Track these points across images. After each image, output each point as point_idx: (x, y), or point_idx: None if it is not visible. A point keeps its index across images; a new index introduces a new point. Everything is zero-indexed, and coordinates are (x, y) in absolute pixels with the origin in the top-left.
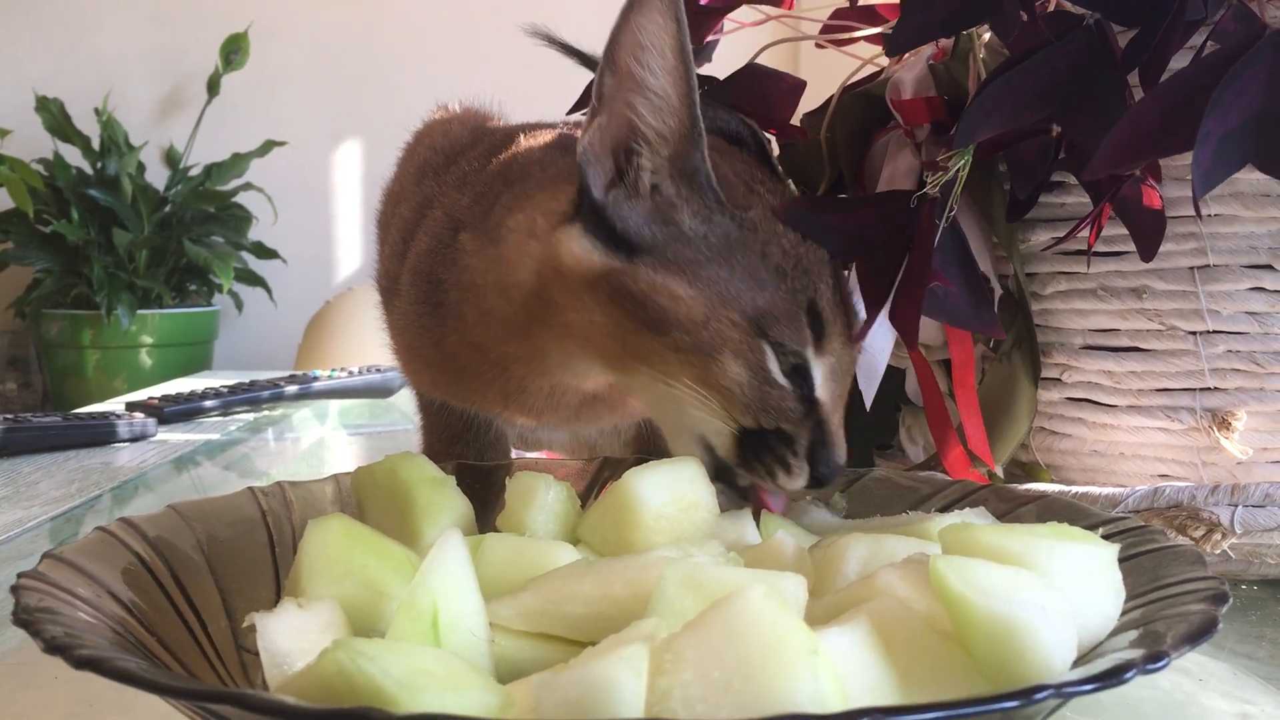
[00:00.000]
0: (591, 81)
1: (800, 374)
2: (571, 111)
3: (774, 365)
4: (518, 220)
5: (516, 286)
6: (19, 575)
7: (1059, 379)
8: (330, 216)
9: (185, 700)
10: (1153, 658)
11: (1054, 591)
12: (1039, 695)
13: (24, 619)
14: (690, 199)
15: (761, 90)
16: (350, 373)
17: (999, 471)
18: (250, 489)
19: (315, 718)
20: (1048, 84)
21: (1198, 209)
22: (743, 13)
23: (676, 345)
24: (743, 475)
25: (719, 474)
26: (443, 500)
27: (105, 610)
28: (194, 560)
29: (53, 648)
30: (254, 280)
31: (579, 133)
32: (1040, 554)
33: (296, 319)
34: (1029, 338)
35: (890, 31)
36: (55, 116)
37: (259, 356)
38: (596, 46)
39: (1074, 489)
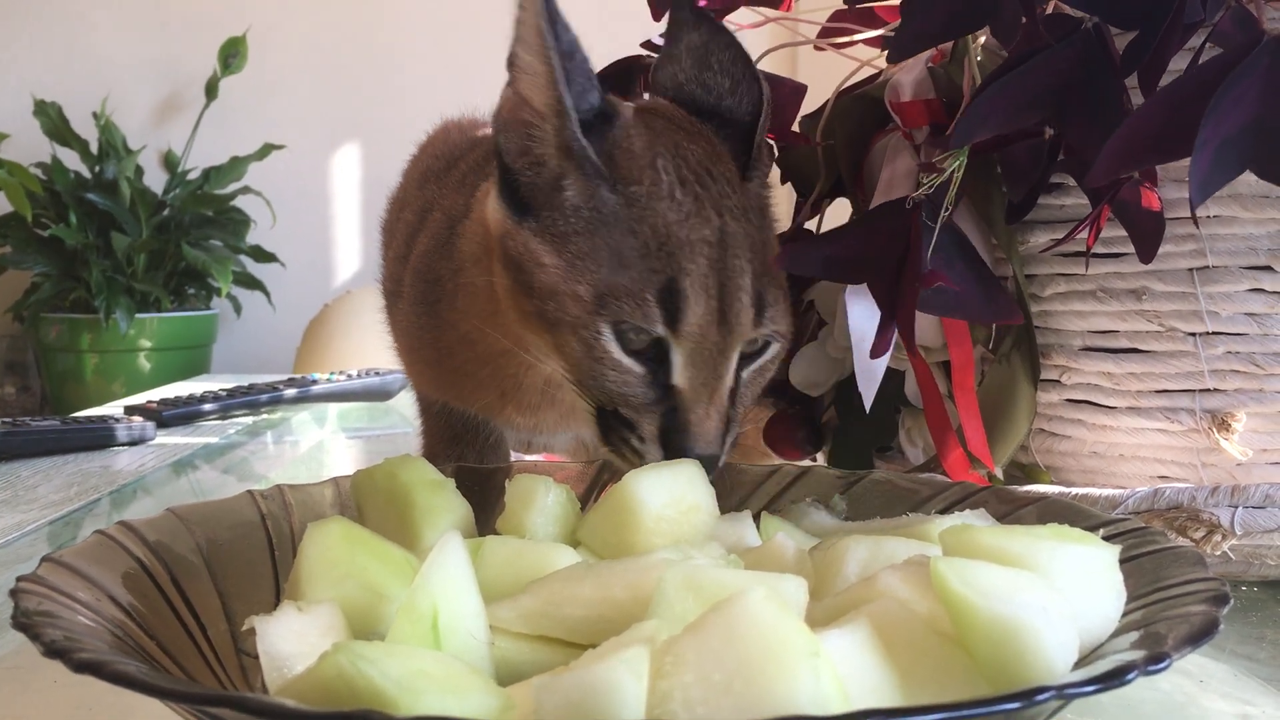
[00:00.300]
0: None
1: (654, 357)
2: None
3: (613, 345)
4: (481, 191)
5: (485, 254)
6: (18, 579)
7: (1058, 380)
8: (328, 220)
9: (185, 704)
10: (1154, 659)
11: (1055, 593)
12: (1041, 697)
13: (23, 622)
14: (572, 171)
15: None
16: (349, 376)
17: (998, 473)
18: (249, 492)
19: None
20: (1046, 86)
21: (1195, 217)
22: (741, 15)
23: (540, 314)
24: (611, 454)
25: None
26: (442, 503)
27: (104, 614)
28: (193, 564)
29: (52, 651)
30: (252, 284)
31: None
32: (1041, 555)
33: (295, 322)
34: (1028, 339)
35: (889, 34)
36: (53, 120)
37: (257, 360)
38: (598, 45)
39: (1074, 490)
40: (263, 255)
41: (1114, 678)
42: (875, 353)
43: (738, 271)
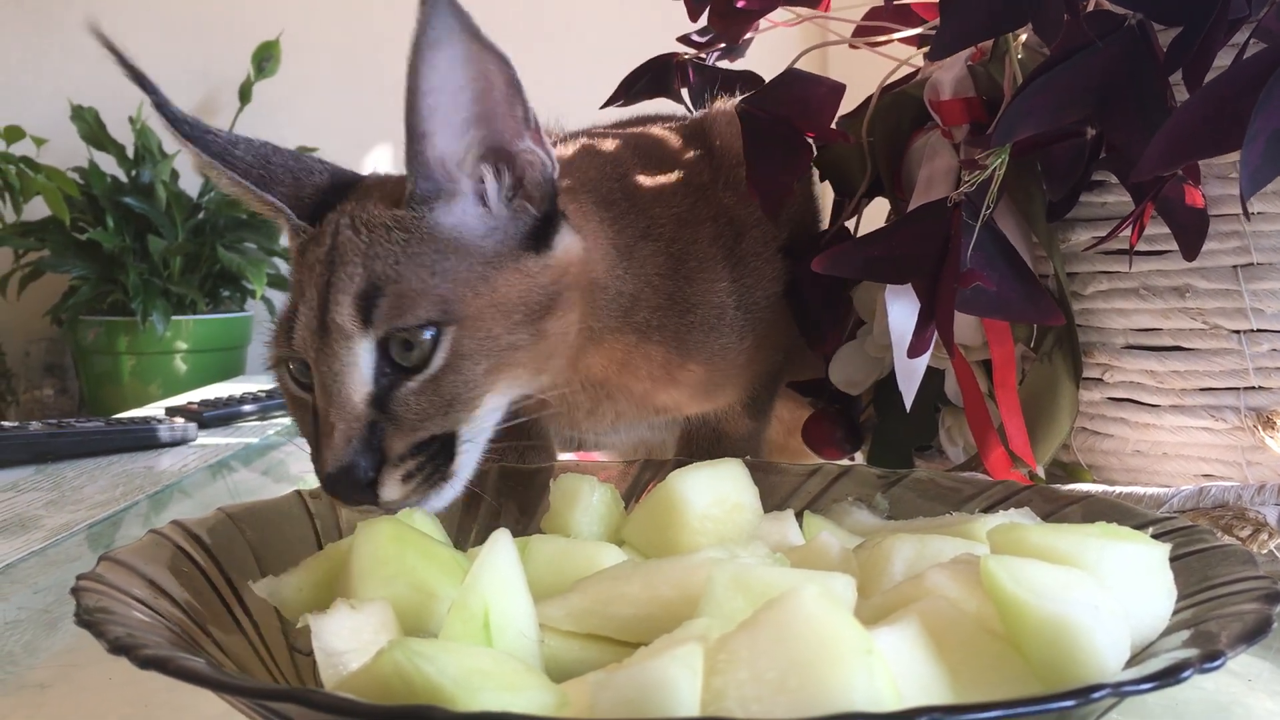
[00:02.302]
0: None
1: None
2: (604, 107)
3: (288, 381)
4: None
5: None
6: (78, 577)
7: (1101, 379)
8: None
9: (250, 699)
10: (1209, 657)
11: (1107, 591)
12: (1097, 694)
13: (86, 620)
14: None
15: (801, 94)
16: None
17: (1040, 472)
18: (297, 491)
19: (379, 716)
20: (1088, 84)
21: (1245, 208)
22: (777, 12)
23: None
24: None
25: None
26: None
27: (161, 611)
28: (246, 562)
29: (117, 648)
30: (286, 286)
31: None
32: (1091, 554)
33: None
34: (1070, 338)
35: (926, 31)
36: (90, 125)
37: None
38: (617, 46)
39: (1118, 489)
40: None
41: (1169, 675)
42: (914, 352)
43: (343, 276)
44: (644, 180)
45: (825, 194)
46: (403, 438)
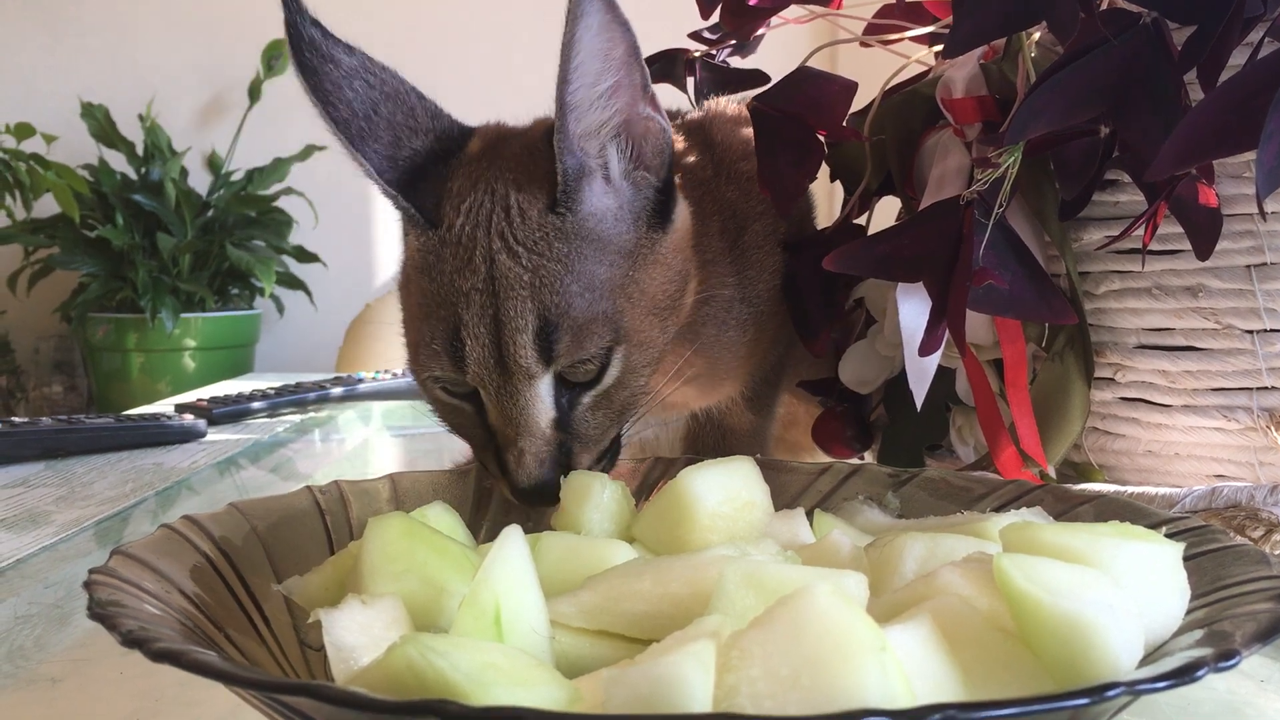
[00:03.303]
0: None
1: (476, 399)
2: None
3: (439, 391)
4: None
5: None
6: (90, 571)
7: (1113, 379)
8: (370, 220)
9: (264, 692)
10: (1224, 656)
11: (1121, 590)
12: (1112, 692)
13: (99, 613)
14: (404, 220)
15: (813, 92)
16: (394, 375)
17: (1051, 472)
18: (308, 487)
19: (392, 709)
20: (1102, 82)
21: (1261, 208)
22: (788, 9)
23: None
24: None
25: None
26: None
27: (173, 605)
28: (256, 557)
29: (130, 641)
30: (295, 284)
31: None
32: (1104, 553)
33: (337, 322)
34: (1082, 337)
35: (938, 29)
36: (100, 123)
37: (300, 359)
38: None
39: (1130, 489)
40: (305, 255)
41: (1185, 674)
42: (925, 351)
43: (513, 313)
44: None
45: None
46: (589, 453)
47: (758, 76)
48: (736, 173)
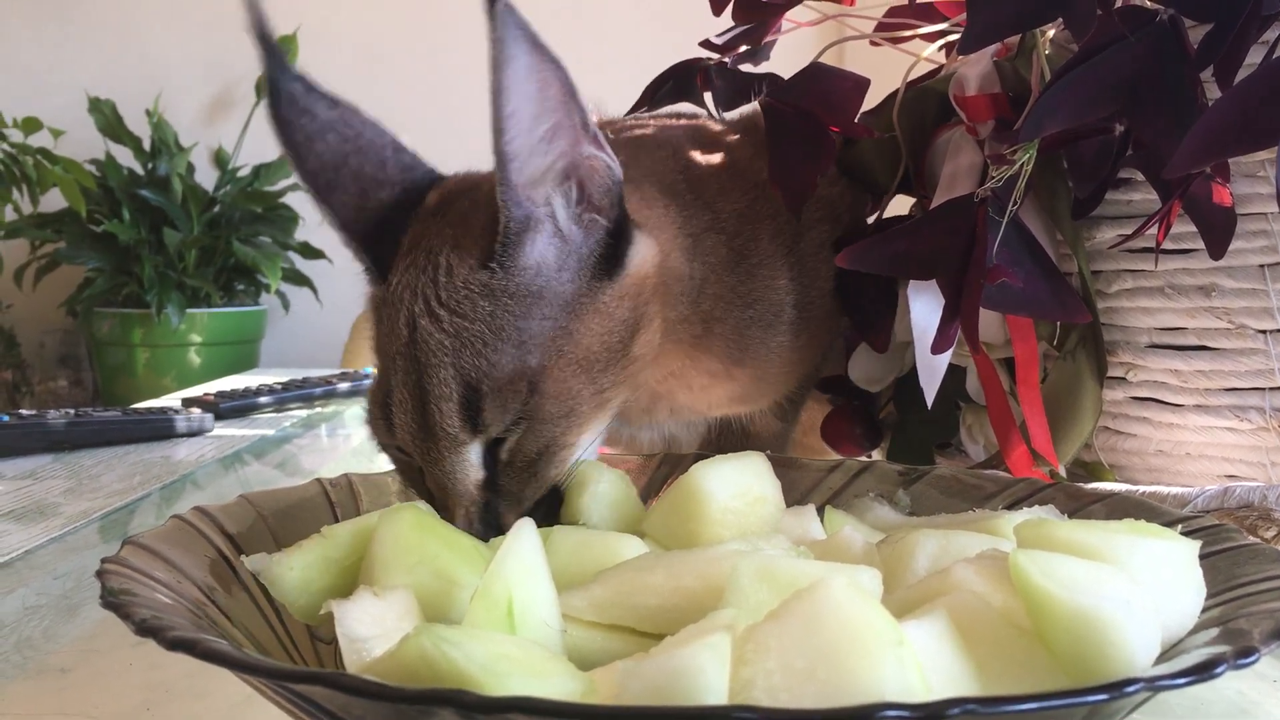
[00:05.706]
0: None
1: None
2: (630, 112)
3: (389, 451)
4: None
5: None
6: (103, 560)
7: (1124, 378)
8: None
9: (277, 681)
10: (1243, 653)
11: (1137, 587)
12: (1130, 688)
13: (112, 602)
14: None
15: (825, 88)
16: None
17: (1062, 471)
18: (318, 480)
19: (408, 698)
20: (1118, 79)
21: None
22: (798, 11)
23: None
24: None
25: None
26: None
27: (185, 595)
28: (267, 548)
29: (144, 630)
30: (300, 280)
31: None
32: (1120, 550)
33: (342, 318)
34: (1094, 336)
35: (949, 28)
36: (107, 118)
37: (305, 355)
38: (636, 52)
39: (1141, 488)
40: (311, 252)
41: (1204, 670)
42: (937, 348)
43: (435, 380)
44: (706, 175)
45: None
46: (514, 510)
47: (775, 81)
48: None
